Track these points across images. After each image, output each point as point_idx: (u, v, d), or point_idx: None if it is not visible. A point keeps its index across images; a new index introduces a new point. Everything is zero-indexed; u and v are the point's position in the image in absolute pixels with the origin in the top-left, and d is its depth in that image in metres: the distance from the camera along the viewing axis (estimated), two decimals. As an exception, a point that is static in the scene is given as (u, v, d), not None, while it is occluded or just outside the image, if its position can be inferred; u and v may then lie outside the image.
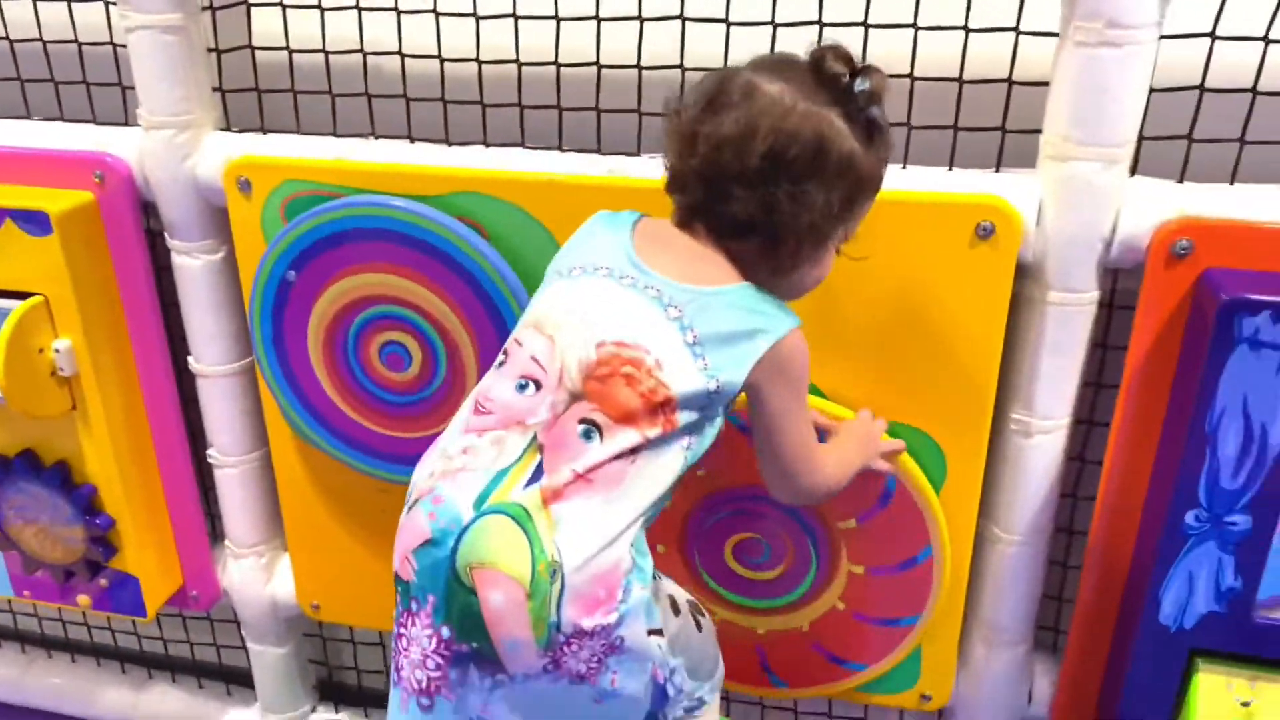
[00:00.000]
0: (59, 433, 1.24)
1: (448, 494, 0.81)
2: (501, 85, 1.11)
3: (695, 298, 0.84)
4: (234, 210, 1.16)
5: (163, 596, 1.36)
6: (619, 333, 0.82)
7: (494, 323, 1.10)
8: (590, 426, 0.81)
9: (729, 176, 0.82)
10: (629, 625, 0.81)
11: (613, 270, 0.86)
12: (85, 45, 1.21)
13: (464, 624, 0.79)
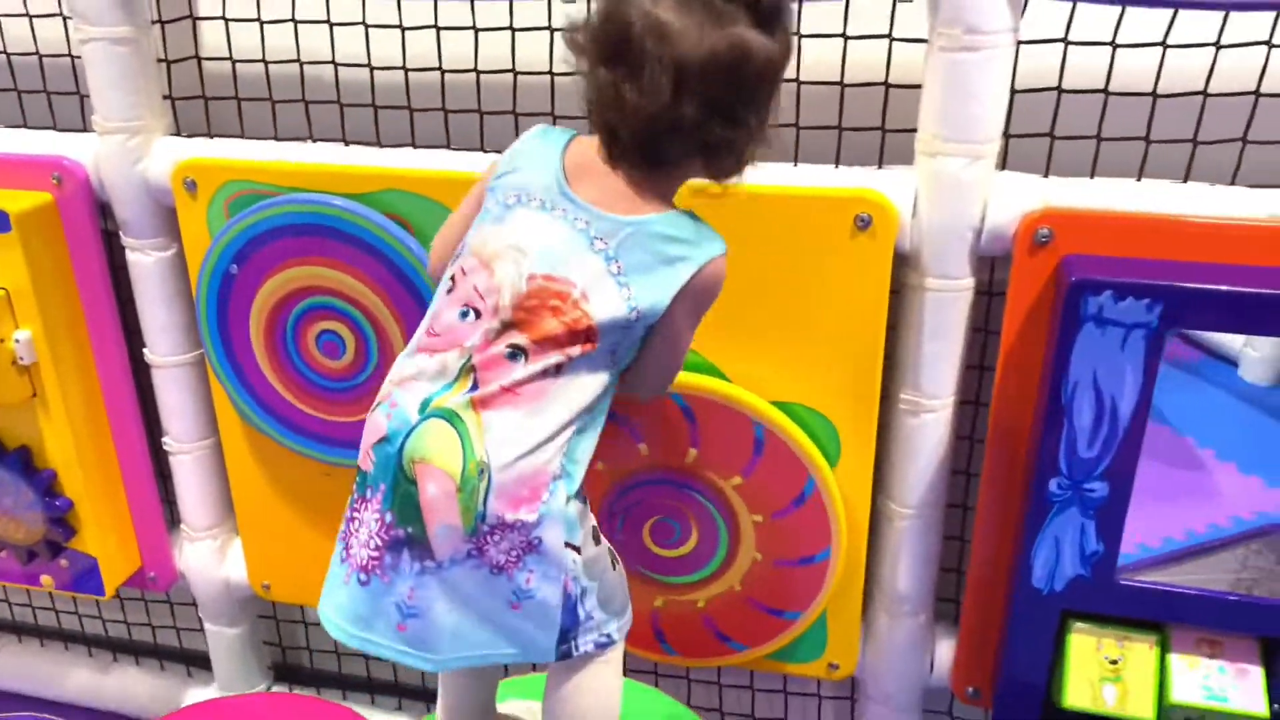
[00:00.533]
0: (19, 420, 1.32)
1: (401, 399, 0.90)
2: (426, 91, 1.20)
3: (622, 228, 0.88)
4: (181, 209, 1.24)
5: (121, 577, 1.43)
6: (548, 266, 0.87)
7: (420, 313, 1.18)
8: (516, 350, 0.88)
9: (661, 131, 0.84)
10: (547, 528, 0.88)
11: (545, 202, 0.89)
12: (45, 56, 1.30)
13: (404, 510, 0.88)
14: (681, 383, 1.11)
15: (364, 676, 1.60)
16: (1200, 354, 1.24)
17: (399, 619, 0.90)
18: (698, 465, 1.17)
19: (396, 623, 0.90)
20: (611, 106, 0.85)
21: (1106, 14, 1.01)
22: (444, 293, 0.93)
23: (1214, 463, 1.21)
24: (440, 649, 0.91)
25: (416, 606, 0.89)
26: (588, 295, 0.88)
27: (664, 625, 1.28)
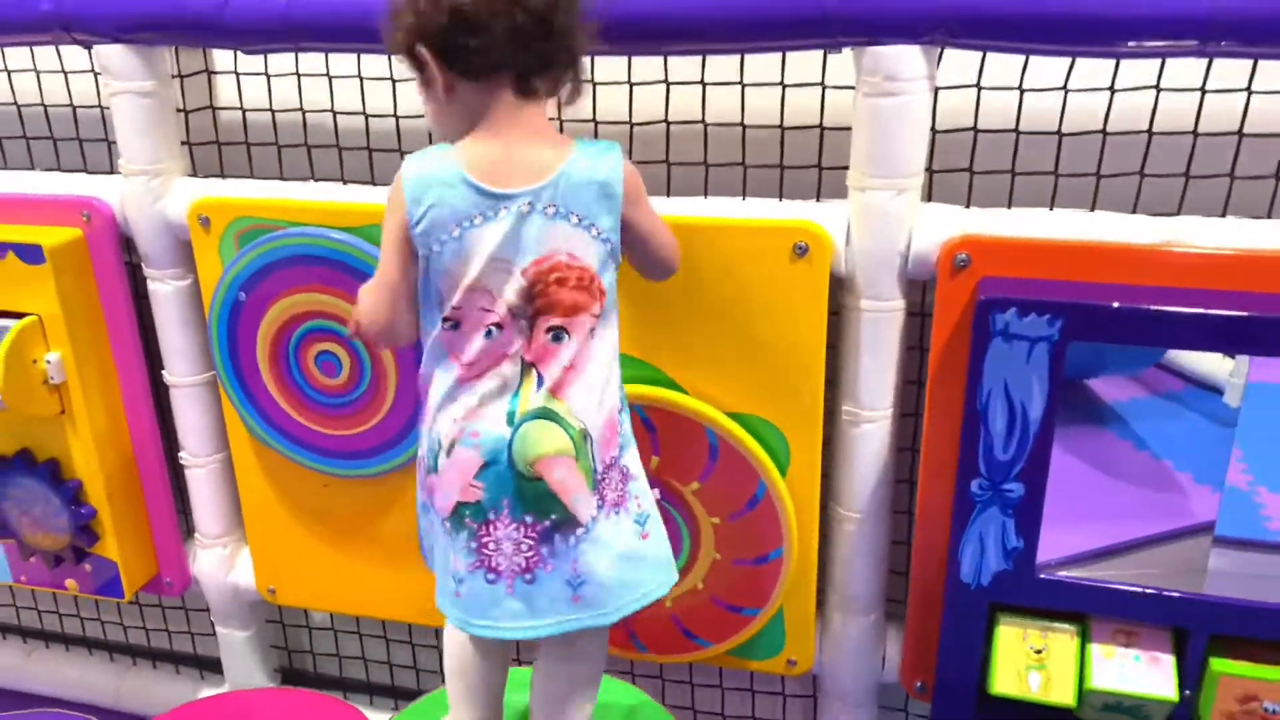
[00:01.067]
0: (49, 434, 1.45)
1: (482, 428, 1.00)
2: (417, 136, 1.33)
3: (555, 186, 0.97)
4: (196, 243, 1.38)
5: (140, 581, 1.56)
6: (528, 255, 0.97)
7: (409, 333, 1.31)
8: (558, 330, 0.99)
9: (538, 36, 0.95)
10: (627, 453, 1.05)
11: (483, 214, 0.97)
12: (78, 108, 1.45)
13: (540, 505, 1.00)
14: (641, 395, 1.23)
15: (363, 679, 1.71)
16: (1184, 384, 1.32)
17: (571, 593, 1.02)
18: (659, 471, 1.28)
19: (570, 597, 1.02)
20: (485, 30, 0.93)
21: (1015, 61, 1.13)
22: (448, 332, 1.00)
23: (1191, 485, 1.26)
24: (610, 603, 1.03)
25: (583, 574, 1.02)
26: (574, 254, 0.98)
27: (635, 624, 1.38)
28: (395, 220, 1.00)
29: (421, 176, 0.98)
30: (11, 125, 1.50)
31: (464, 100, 0.98)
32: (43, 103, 1.47)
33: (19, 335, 1.36)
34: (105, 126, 1.43)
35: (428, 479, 1.04)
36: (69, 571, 1.54)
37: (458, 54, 0.95)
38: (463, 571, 1.02)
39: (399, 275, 1.01)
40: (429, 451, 1.03)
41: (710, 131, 1.25)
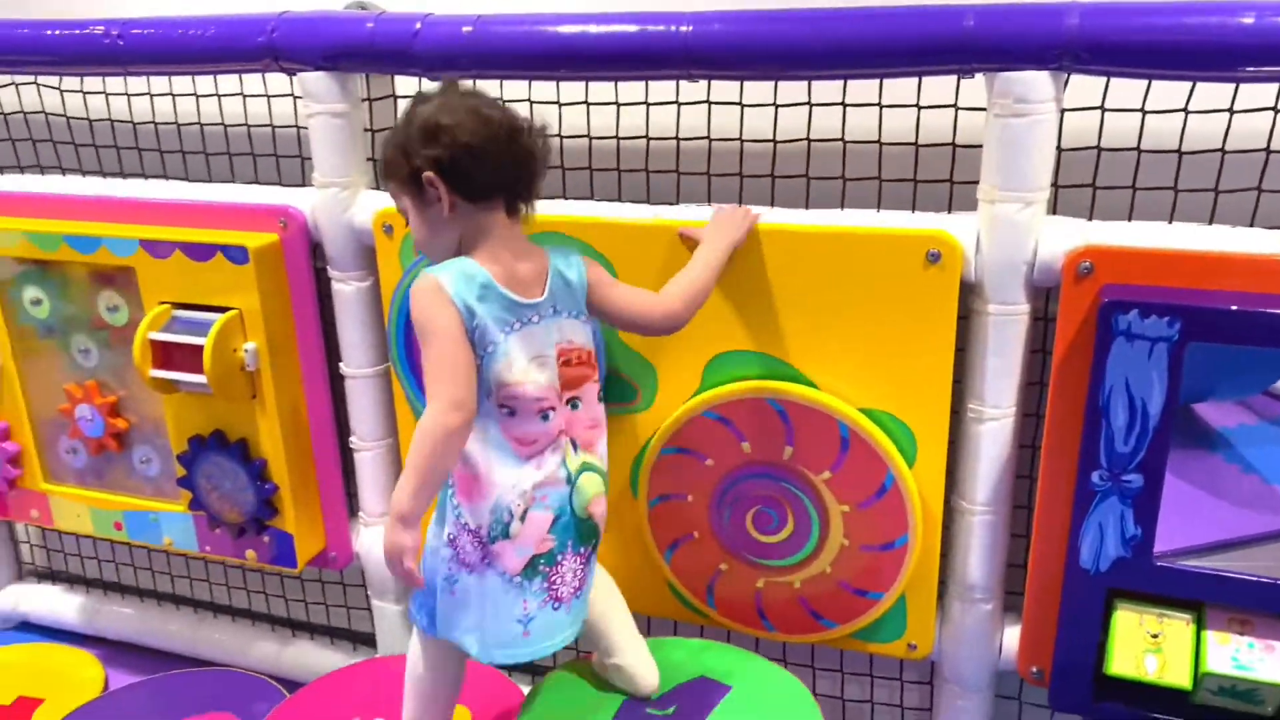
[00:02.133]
0: (241, 417, 1.63)
1: (549, 491, 1.20)
2: (577, 153, 1.48)
3: (554, 289, 1.19)
4: (380, 248, 1.54)
5: (309, 555, 1.72)
6: (552, 347, 1.19)
7: (567, 330, 1.45)
8: (574, 399, 1.23)
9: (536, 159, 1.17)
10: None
11: (523, 319, 1.17)
12: (277, 128, 1.64)
13: (590, 538, 1.25)
14: (777, 390, 1.35)
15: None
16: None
17: (587, 595, 1.27)
18: (793, 461, 1.39)
19: (586, 600, 1.26)
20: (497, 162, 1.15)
21: (1137, 85, 1.23)
22: (507, 418, 1.17)
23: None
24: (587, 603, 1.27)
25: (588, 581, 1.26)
26: (574, 340, 1.22)
27: (765, 605, 1.49)
28: (451, 319, 1.13)
29: (460, 289, 1.13)
30: (218, 142, 1.70)
31: (461, 220, 1.16)
32: (246, 123, 1.66)
33: (223, 326, 1.55)
34: (300, 144, 1.62)
35: (492, 547, 1.17)
36: (250, 543, 1.71)
37: (464, 180, 1.14)
38: (534, 610, 1.20)
39: (472, 364, 1.14)
40: (494, 523, 1.17)
41: (849, 149, 1.37)
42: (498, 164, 1.14)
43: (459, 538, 1.19)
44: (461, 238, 1.17)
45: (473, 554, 1.18)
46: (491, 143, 1.13)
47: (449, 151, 1.12)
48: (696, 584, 1.51)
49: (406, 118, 1.16)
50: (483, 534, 1.17)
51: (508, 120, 1.14)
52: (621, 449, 1.50)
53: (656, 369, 1.45)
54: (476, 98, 1.17)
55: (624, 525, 1.54)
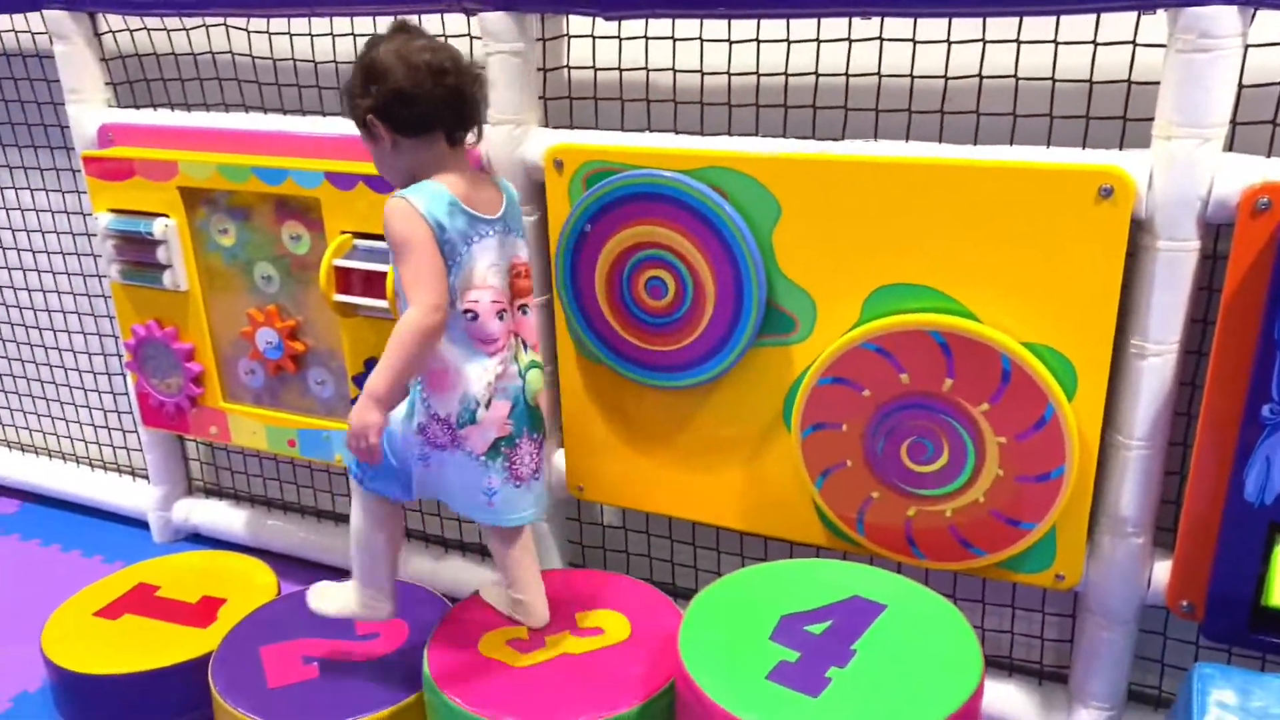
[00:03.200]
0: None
1: (507, 384, 1.39)
2: (744, 90, 1.53)
3: (505, 214, 1.37)
4: (550, 183, 1.62)
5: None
6: (505, 259, 1.38)
7: (730, 263, 1.51)
8: (524, 306, 1.42)
9: (468, 92, 1.31)
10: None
11: (480, 232, 1.33)
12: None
13: (539, 425, 1.44)
14: (939, 323, 1.40)
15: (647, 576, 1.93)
16: None
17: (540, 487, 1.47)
18: (952, 393, 1.43)
19: (543, 485, 1.47)
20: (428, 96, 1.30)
21: (1326, 21, 1.22)
22: (470, 321, 1.34)
23: None
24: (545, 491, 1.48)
25: (543, 468, 1.46)
26: (519, 255, 1.40)
27: (915, 533, 1.54)
28: (425, 233, 1.29)
29: (431, 207, 1.29)
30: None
31: (407, 152, 1.33)
32: (423, 63, 1.75)
33: (403, 255, 1.64)
34: (474, 83, 1.70)
35: (460, 431, 1.37)
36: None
37: (398, 119, 1.30)
38: (498, 485, 1.40)
39: (444, 272, 1.31)
40: (462, 411, 1.36)
41: (1020, 85, 1.39)
42: (427, 104, 1.29)
43: (429, 426, 1.38)
44: (410, 166, 1.34)
45: (442, 438, 1.37)
46: (418, 86, 1.28)
47: (381, 97, 1.29)
48: (846, 511, 1.57)
49: (355, 64, 1.33)
50: (451, 421, 1.36)
51: (435, 62, 1.28)
52: (776, 380, 1.56)
53: (816, 301, 1.51)
54: (411, 43, 1.30)
55: (775, 454, 1.60)
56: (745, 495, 1.66)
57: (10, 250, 2.35)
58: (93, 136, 1.97)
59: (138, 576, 1.98)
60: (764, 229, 1.49)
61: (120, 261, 1.94)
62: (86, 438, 2.48)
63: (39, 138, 2.18)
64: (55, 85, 2.03)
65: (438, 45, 1.31)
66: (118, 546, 2.31)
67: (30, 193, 2.26)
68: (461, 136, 1.34)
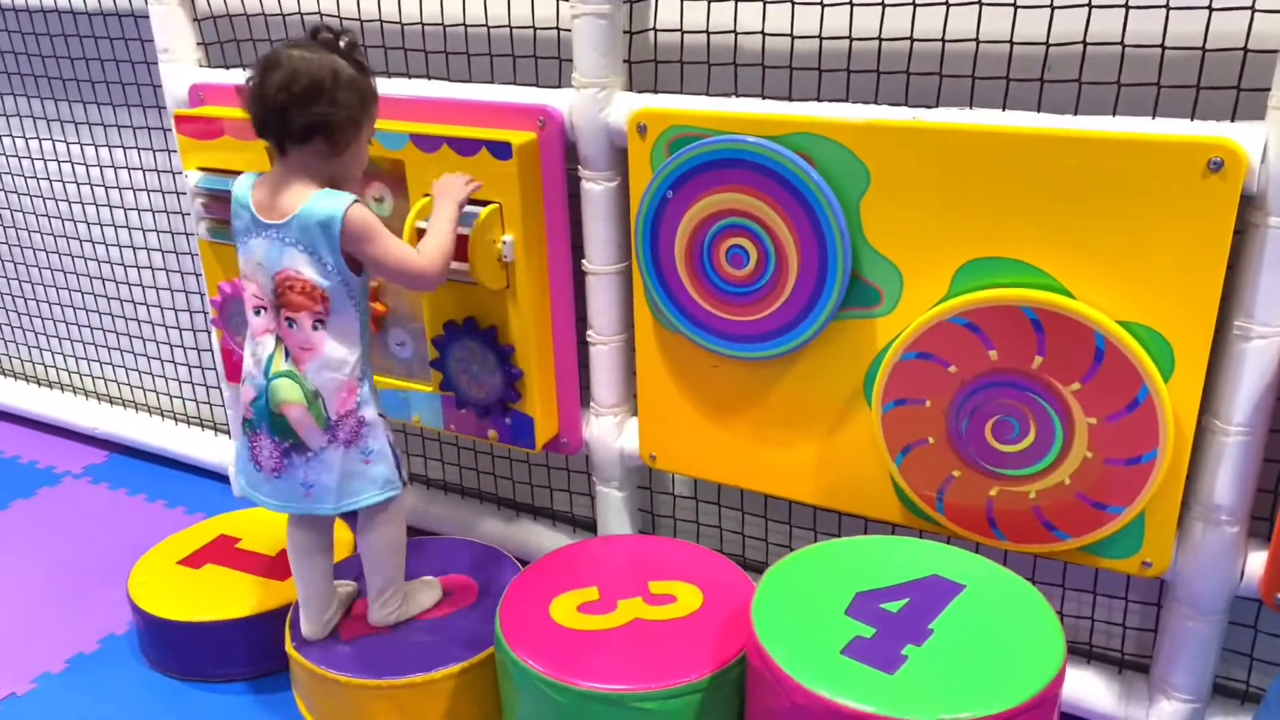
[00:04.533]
0: (494, 305, 1.74)
1: (256, 374, 1.52)
2: (837, 55, 1.50)
3: (291, 223, 1.44)
4: (632, 148, 1.61)
5: (546, 437, 1.84)
6: (275, 268, 1.46)
7: (815, 232, 1.48)
8: (290, 319, 1.48)
9: (287, 108, 1.39)
10: (366, 409, 1.53)
11: (256, 233, 1.48)
12: (539, 29, 1.72)
13: (283, 433, 1.52)
14: (1029, 298, 1.35)
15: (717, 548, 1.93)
16: None
17: (304, 491, 1.53)
18: (1042, 371, 1.39)
19: (303, 494, 1.54)
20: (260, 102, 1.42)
21: None
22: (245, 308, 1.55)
23: None
24: (330, 501, 1.53)
25: (311, 481, 1.53)
26: (301, 273, 1.45)
27: (996, 513, 1.51)
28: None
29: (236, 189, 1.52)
30: (480, 44, 1.78)
31: (263, 151, 1.51)
32: (509, 25, 1.74)
33: (486, 218, 1.65)
34: (559, 46, 1.69)
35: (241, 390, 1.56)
36: (493, 423, 1.84)
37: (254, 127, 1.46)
38: (241, 460, 1.59)
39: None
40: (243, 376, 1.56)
41: (1127, 53, 1.33)
42: (257, 119, 1.44)
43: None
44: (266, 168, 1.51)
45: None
46: (253, 103, 1.43)
47: (244, 107, 1.46)
48: (926, 489, 1.54)
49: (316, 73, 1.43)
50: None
51: (262, 83, 1.41)
52: (858, 353, 1.54)
53: (902, 273, 1.47)
54: (270, 59, 1.42)
55: (854, 429, 1.58)
56: (821, 470, 1.64)
57: (104, 207, 2.42)
58: (183, 96, 2.00)
59: (219, 528, 2.04)
60: (851, 198, 1.46)
61: (208, 219, 1.98)
62: (172, 392, 2.55)
63: (131, 96, 2.23)
64: (148, 45, 2.07)
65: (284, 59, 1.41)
66: (199, 499, 2.37)
67: (123, 150, 2.31)
68: (282, 147, 1.45)
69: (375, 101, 1.49)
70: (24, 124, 2.44)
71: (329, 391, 1.50)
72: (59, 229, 2.52)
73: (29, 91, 2.39)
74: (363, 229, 1.45)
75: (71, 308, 2.61)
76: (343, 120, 1.43)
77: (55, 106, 2.36)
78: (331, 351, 1.49)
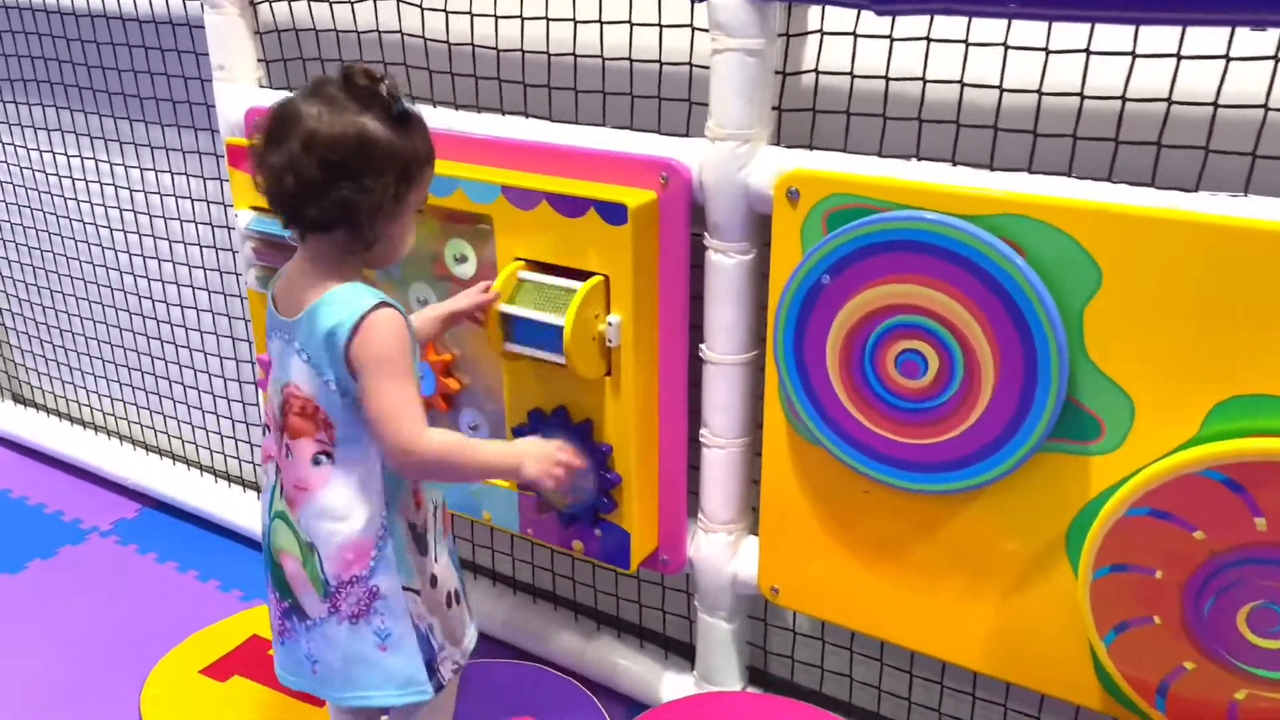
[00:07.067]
0: (590, 395, 1.43)
1: (263, 505, 1.22)
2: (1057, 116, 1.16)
3: (300, 323, 1.12)
4: (779, 216, 1.28)
5: (642, 554, 1.51)
6: (282, 378, 1.15)
7: (1021, 341, 1.14)
8: (288, 447, 1.16)
9: (297, 194, 1.06)
10: (383, 576, 1.15)
11: (275, 332, 1.17)
12: (665, 65, 1.40)
13: (281, 588, 1.20)
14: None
15: (844, 699, 1.59)
16: None
17: (310, 666, 1.21)
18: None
19: (310, 669, 1.21)
20: (267, 176, 1.08)
21: None
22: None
23: None
24: (338, 688, 1.19)
25: (315, 655, 1.20)
26: (300, 386, 1.13)
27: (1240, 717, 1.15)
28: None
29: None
30: (592, 78, 1.47)
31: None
32: (629, 57, 1.42)
33: (588, 295, 1.33)
34: (690, 86, 1.37)
35: None
36: (580, 533, 1.52)
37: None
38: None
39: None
40: None
41: None
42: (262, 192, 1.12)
43: None
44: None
45: None
46: (256, 173, 1.11)
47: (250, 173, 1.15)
48: (1144, 680, 1.19)
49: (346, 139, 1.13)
50: None
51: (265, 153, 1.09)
52: (1064, 497, 1.20)
53: (1135, 403, 1.13)
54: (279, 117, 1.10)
55: (1047, 590, 1.24)
56: (995, 633, 1.29)
57: (148, 238, 2.15)
58: (239, 121, 1.72)
59: (252, 626, 1.75)
60: (1074, 301, 1.12)
61: (259, 266, 1.69)
62: (213, 446, 2.27)
63: (183, 116, 1.96)
64: (204, 59, 1.80)
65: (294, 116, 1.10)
66: (236, 572, 2.09)
67: (170, 176, 2.04)
68: (298, 231, 1.14)
69: (428, 163, 1.15)
70: (65, 139, 2.19)
71: (327, 549, 1.15)
72: (97, 256, 2.26)
73: (72, 104, 2.14)
74: (372, 352, 1.09)
75: (109, 344, 2.35)
76: (372, 206, 1.08)
77: (100, 122, 2.10)
78: (331, 497, 1.14)
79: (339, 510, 1.14)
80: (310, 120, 1.06)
